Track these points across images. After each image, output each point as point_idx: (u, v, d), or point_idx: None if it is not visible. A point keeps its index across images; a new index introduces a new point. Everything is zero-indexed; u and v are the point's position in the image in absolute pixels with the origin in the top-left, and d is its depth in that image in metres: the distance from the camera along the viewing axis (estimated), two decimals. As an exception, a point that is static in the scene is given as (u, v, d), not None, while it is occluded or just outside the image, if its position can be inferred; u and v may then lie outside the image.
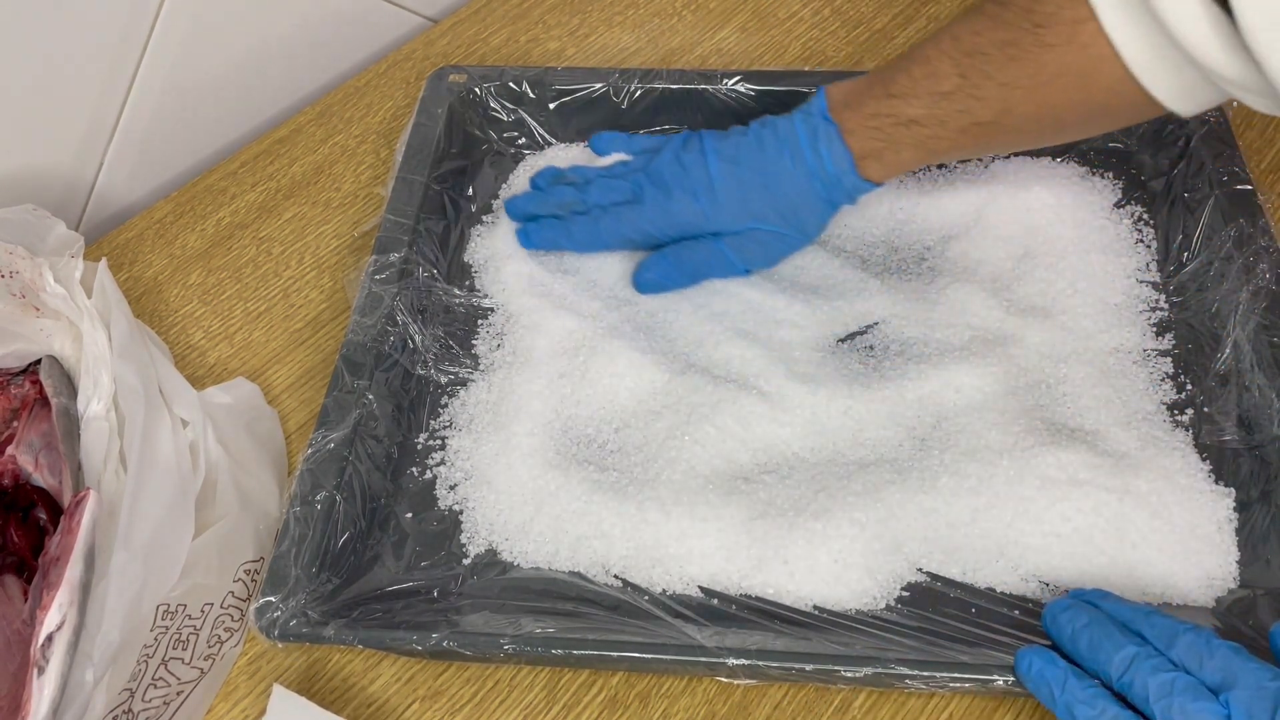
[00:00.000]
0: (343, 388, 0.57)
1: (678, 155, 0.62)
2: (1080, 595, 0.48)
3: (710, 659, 0.48)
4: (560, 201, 0.64)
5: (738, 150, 0.60)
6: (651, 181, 0.62)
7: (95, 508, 0.49)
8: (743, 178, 0.60)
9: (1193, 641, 0.44)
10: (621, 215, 0.62)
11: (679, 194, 0.61)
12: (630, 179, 0.63)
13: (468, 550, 0.55)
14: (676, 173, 0.61)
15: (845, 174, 0.59)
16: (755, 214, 0.60)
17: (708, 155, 0.60)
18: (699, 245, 0.62)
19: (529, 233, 0.65)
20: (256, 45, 0.78)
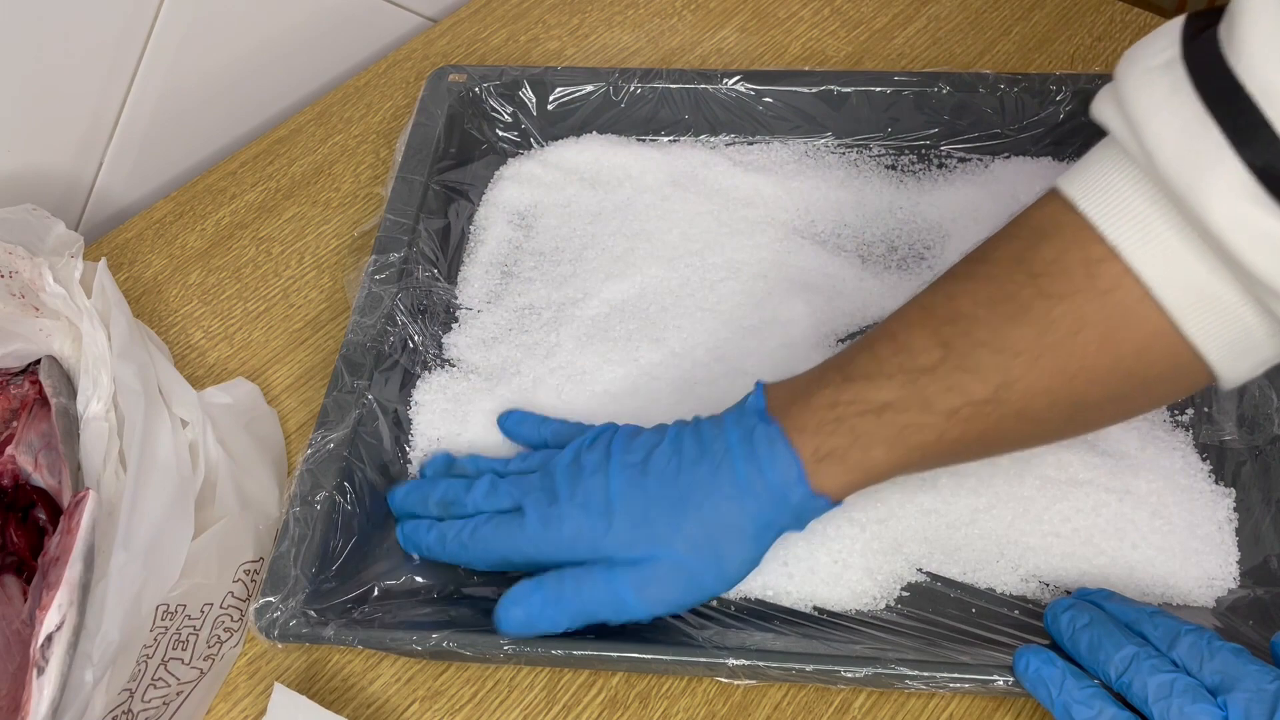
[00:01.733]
0: (342, 388, 0.57)
1: (578, 456, 0.50)
2: (1085, 595, 0.48)
3: (710, 659, 0.48)
4: (442, 499, 0.53)
5: (648, 456, 0.49)
6: (538, 488, 0.50)
7: (95, 508, 0.49)
8: (649, 492, 0.47)
9: (1194, 642, 0.44)
10: (499, 529, 0.50)
11: (568, 507, 0.48)
12: (515, 482, 0.51)
13: (468, 550, 0.55)
14: (569, 478, 0.49)
15: (791, 485, 0.46)
16: (659, 539, 0.47)
17: (612, 459, 0.49)
18: (586, 576, 0.48)
19: (406, 533, 0.54)
20: (256, 45, 0.78)
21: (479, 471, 0.54)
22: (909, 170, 0.69)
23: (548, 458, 0.52)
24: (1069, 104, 0.67)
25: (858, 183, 0.68)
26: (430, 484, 0.55)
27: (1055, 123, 0.68)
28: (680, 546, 0.47)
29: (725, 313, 0.62)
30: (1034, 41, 0.78)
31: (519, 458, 0.54)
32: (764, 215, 0.67)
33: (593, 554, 0.48)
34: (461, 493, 0.52)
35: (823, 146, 0.70)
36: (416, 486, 0.55)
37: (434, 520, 0.53)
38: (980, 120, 0.69)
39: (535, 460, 0.53)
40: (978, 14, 0.80)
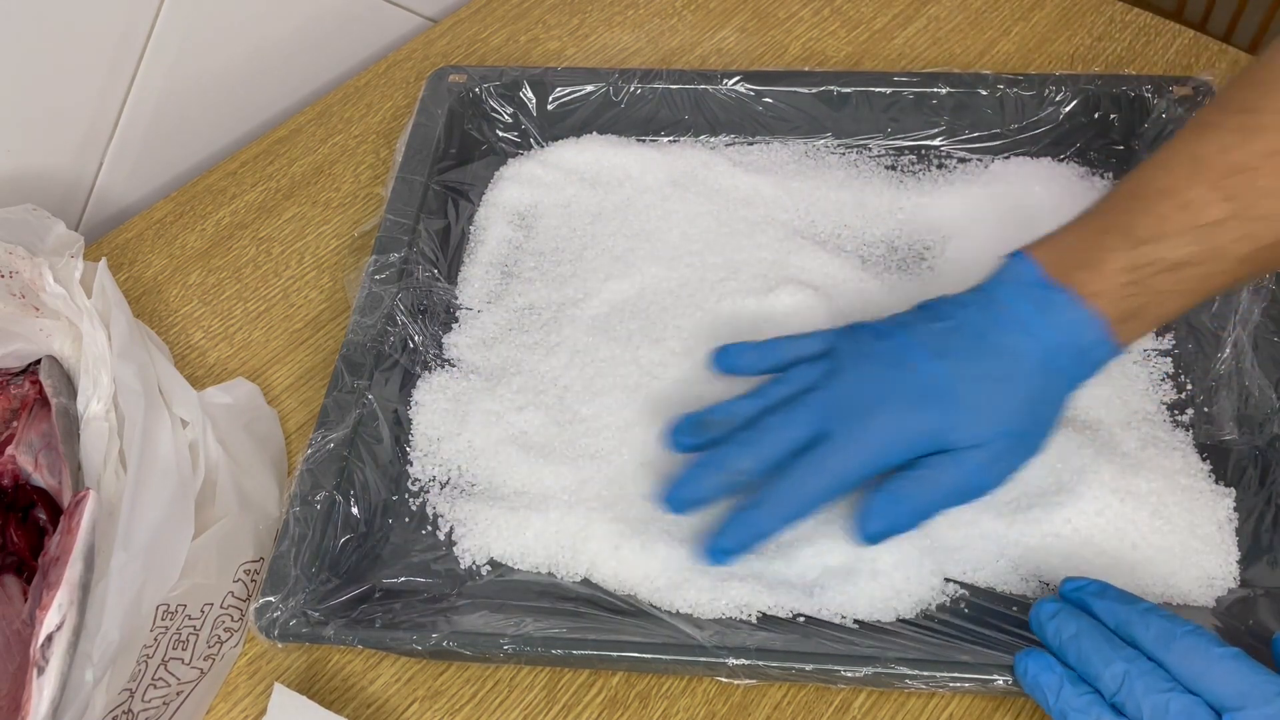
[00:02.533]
0: (342, 388, 0.57)
1: (858, 363, 0.50)
2: (1072, 589, 0.47)
3: (710, 659, 0.48)
4: (732, 469, 0.50)
5: (947, 341, 0.50)
6: (840, 405, 0.50)
7: (95, 508, 0.49)
8: (976, 375, 0.49)
9: (1191, 647, 0.42)
10: (821, 463, 0.49)
11: (897, 407, 0.49)
12: (807, 406, 0.50)
13: (467, 550, 0.55)
14: (878, 377, 0.50)
15: (1097, 345, 0.49)
16: (994, 419, 0.49)
17: (912, 351, 0.50)
18: (939, 473, 0.49)
19: (721, 547, 0.51)
20: (256, 45, 0.78)
21: (745, 416, 0.51)
22: (909, 170, 0.69)
23: (810, 375, 0.51)
24: (1069, 104, 0.67)
25: (858, 183, 0.68)
26: (710, 464, 0.51)
27: (1055, 123, 0.68)
28: (1015, 421, 0.49)
29: (725, 313, 0.62)
30: (1034, 41, 0.78)
31: (772, 384, 0.52)
32: (764, 215, 0.67)
33: (932, 446, 0.49)
34: (750, 449, 0.50)
35: (823, 147, 0.70)
36: (700, 477, 0.51)
37: (741, 511, 0.50)
38: (980, 120, 0.69)
39: (797, 378, 0.51)
40: (978, 14, 0.80)
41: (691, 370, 0.60)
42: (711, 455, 0.51)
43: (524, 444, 0.57)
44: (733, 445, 0.51)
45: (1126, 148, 0.68)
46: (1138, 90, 0.67)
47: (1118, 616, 0.45)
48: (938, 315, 0.51)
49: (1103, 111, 0.68)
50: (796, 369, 0.52)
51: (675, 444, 0.53)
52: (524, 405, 0.59)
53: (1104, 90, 0.67)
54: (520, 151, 0.72)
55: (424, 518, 0.56)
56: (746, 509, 0.50)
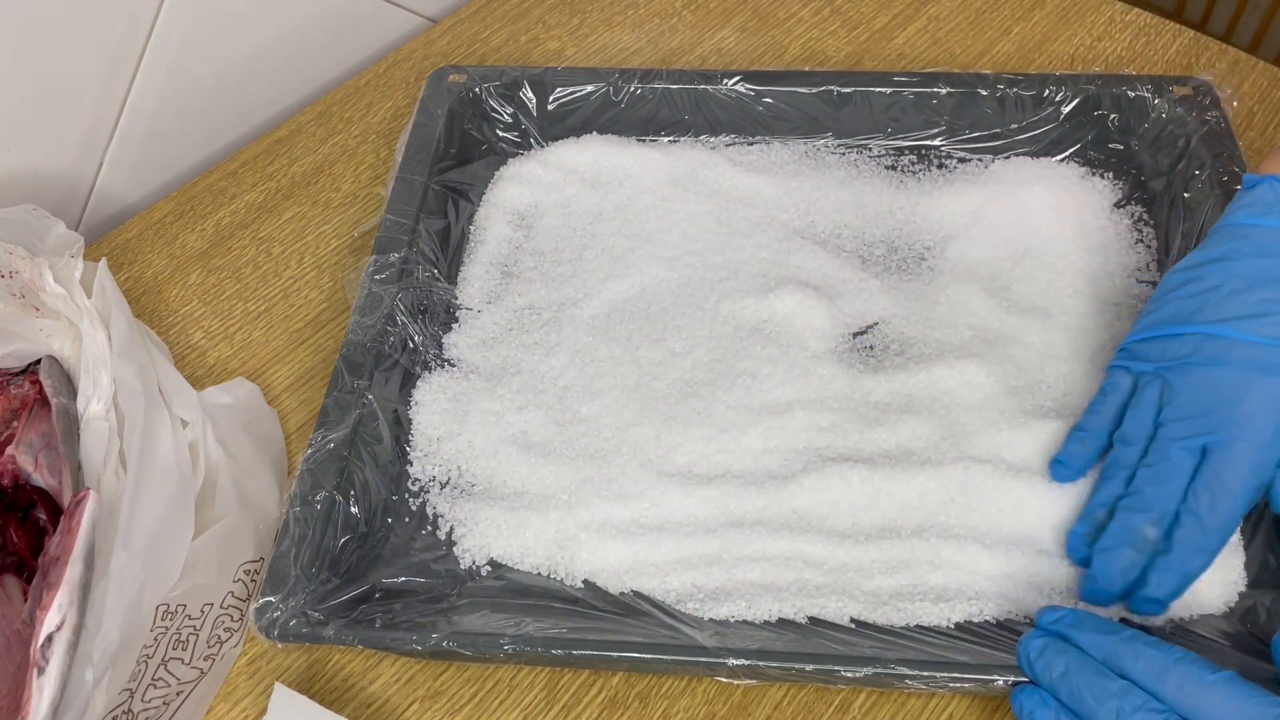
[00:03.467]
0: (342, 388, 0.57)
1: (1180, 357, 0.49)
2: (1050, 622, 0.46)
3: (710, 659, 0.48)
4: (1138, 538, 0.48)
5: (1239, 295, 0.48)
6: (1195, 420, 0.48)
7: (95, 508, 0.49)
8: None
9: (1185, 676, 0.42)
10: (1214, 487, 0.47)
11: (1259, 387, 0.47)
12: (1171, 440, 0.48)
13: (467, 550, 0.55)
14: (1207, 369, 0.48)
15: None
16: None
17: (1224, 327, 0.48)
18: None
19: (1148, 603, 0.48)
20: (256, 45, 0.78)
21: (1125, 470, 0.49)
22: (909, 170, 0.69)
23: (1145, 417, 0.49)
24: (1069, 104, 0.67)
25: (858, 183, 0.68)
26: (1114, 549, 0.48)
27: (1055, 122, 0.68)
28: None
29: (725, 313, 0.62)
30: (1034, 41, 0.78)
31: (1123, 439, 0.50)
32: (764, 215, 0.67)
33: None
34: (1145, 515, 0.48)
35: (823, 147, 0.70)
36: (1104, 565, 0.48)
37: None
38: (980, 120, 0.69)
39: (1140, 418, 0.49)
40: (978, 14, 0.80)
41: (691, 371, 0.60)
42: (1112, 540, 0.49)
43: (524, 444, 0.57)
44: (1131, 517, 0.48)
45: (1126, 148, 0.68)
46: (1138, 90, 0.67)
47: (1105, 648, 0.44)
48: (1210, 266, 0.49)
49: (1103, 111, 0.68)
50: (1132, 413, 0.50)
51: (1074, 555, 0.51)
52: (524, 405, 0.59)
53: (1104, 90, 0.67)
54: (520, 151, 0.72)
55: (424, 518, 0.56)
56: (1170, 555, 0.47)
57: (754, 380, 0.59)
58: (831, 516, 0.54)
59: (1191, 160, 0.64)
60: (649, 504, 0.54)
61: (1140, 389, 0.51)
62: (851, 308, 0.62)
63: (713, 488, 0.55)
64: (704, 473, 0.56)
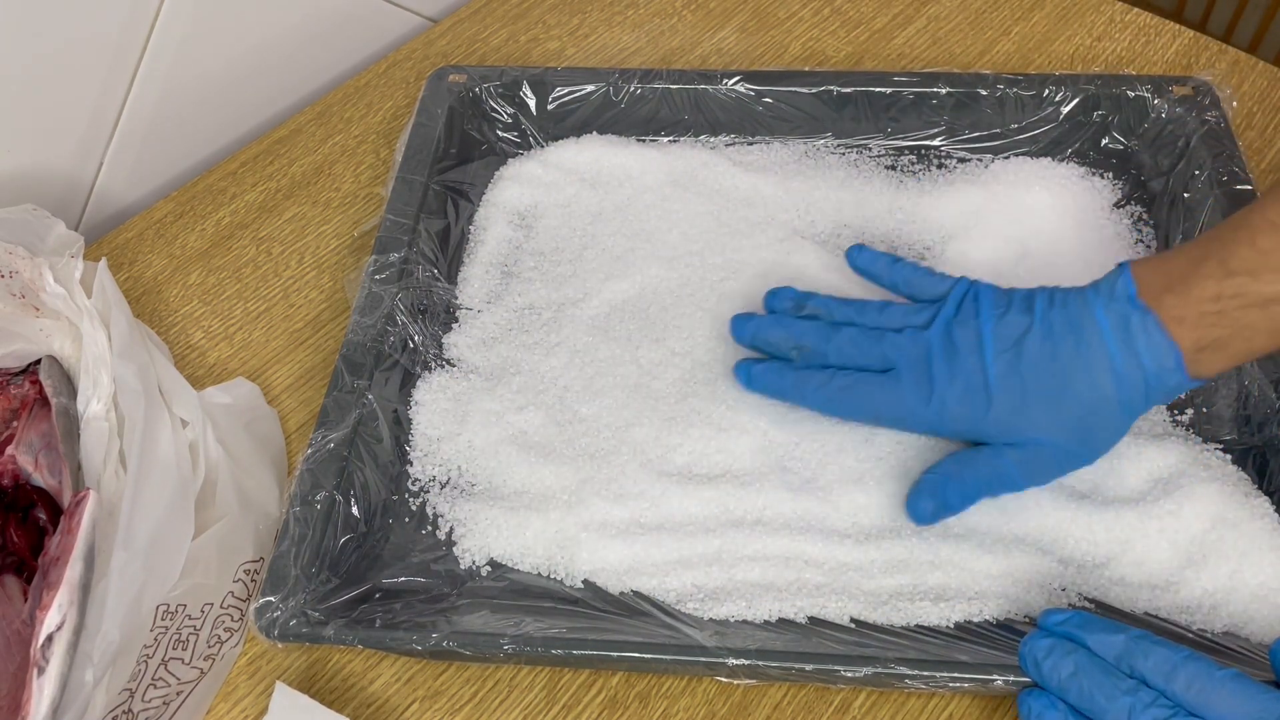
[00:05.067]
0: (342, 388, 0.57)
1: (948, 329, 0.52)
2: (1058, 625, 0.46)
3: (710, 659, 0.48)
4: (797, 342, 0.55)
5: (1022, 340, 0.50)
6: (909, 356, 0.52)
7: (95, 508, 0.49)
8: (1026, 379, 0.50)
9: (1194, 673, 0.42)
10: (868, 389, 0.53)
11: (947, 388, 0.51)
12: (885, 343, 0.53)
13: (467, 550, 0.55)
14: (945, 355, 0.51)
15: (1169, 373, 0.48)
16: (1037, 426, 0.50)
17: (984, 340, 0.51)
18: (980, 462, 0.51)
19: (752, 374, 0.56)
20: (256, 45, 0.78)
21: (834, 317, 0.55)
22: (909, 170, 0.69)
23: (914, 322, 0.53)
24: (1069, 104, 0.67)
25: (858, 183, 0.68)
26: (787, 323, 0.56)
27: (1055, 122, 0.68)
28: (1059, 432, 0.50)
29: (725, 313, 0.62)
30: (1034, 41, 0.78)
31: (875, 307, 0.55)
32: (764, 215, 0.67)
33: (970, 434, 0.52)
34: (823, 341, 0.54)
35: (823, 147, 0.70)
36: (771, 324, 0.56)
37: (785, 363, 0.55)
38: (980, 120, 0.69)
39: (897, 317, 0.54)
40: (978, 14, 0.80)
41: (691, 371, 0.60)
42: (793, 321, 0.56)
43: (524, 444, 0.57)
44: (811, 326, 0.55)
45: (1126, 148, 0.68)
46: (1137, 90, 0.67)
47: (1113, 648, 0.44)
48: (1031, 308, 0.51)
49: (1103, 111, 0.68)
50: (904, 308, 0.54)
51: (768, 301, 0.58)
52: (524, 405, 0.59)
53: (1104, 90, 0.67)
54: (520, 151, 0.72)
55: (424, 518, 0.56)
56: (793, 370, 0.55)
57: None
58: (831, 516, 0.54)
59: (1191, 160, 0.64)
60: (649, 504, 0.54)
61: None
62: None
63: (713, 487, 0.55)
64: (704, 473, 0.56)
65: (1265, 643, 0.48)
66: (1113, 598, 0.51)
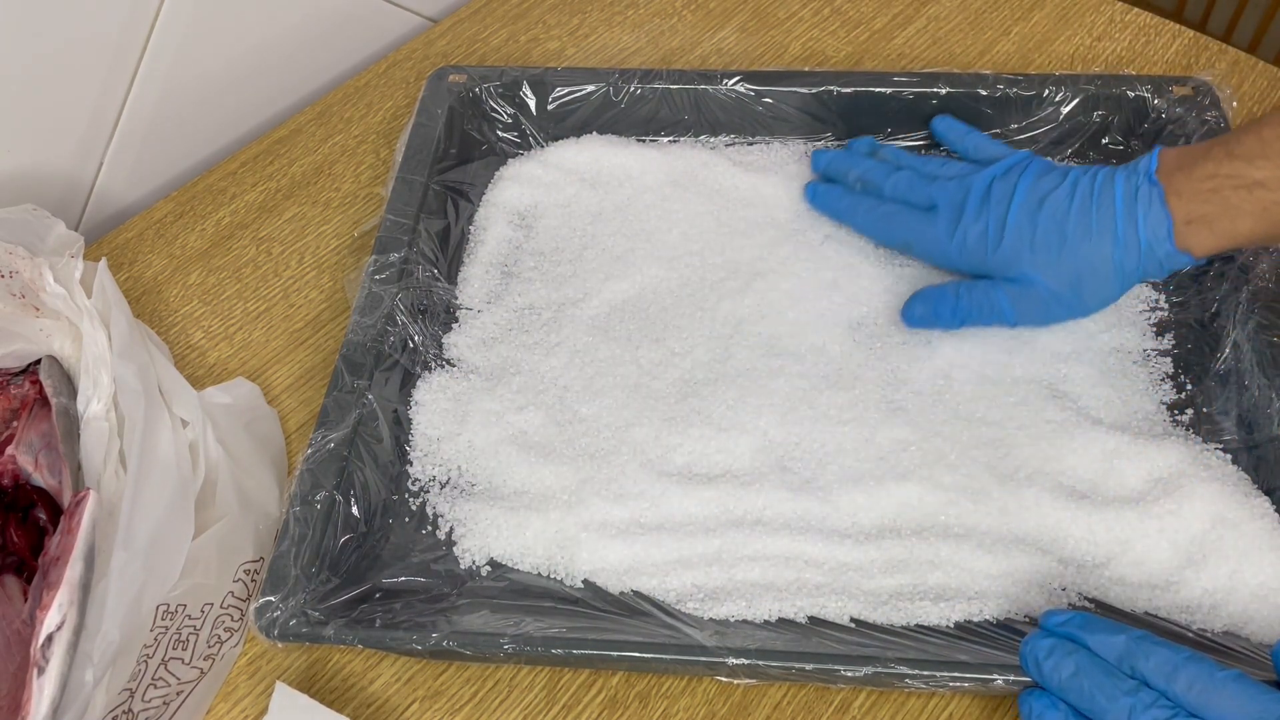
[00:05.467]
0: (342, 388, 0.57)
1: (990, 182, 0.58)
2: (1059, 625, 0.46)
3: (711, 659, 0.48)
4: (862, 175, 0.63)
5: (1046, 193, 0.56)
6: (951, 198, 0.58)
7: (95, 508, 0.49)
8: (1038, 225, 0.55)
9: (1195, 674, 0.42)
10: (908, 219, 0.60)
11: (968, 222, 0.57)
12: (934, 186, 0.60)
13: (467, 550, 0.55)
14: (979, 200, 0.57)
15: (1159, 241, 0.53)
16: (1035, 266, 0.55)
17: (1017, 191, 0.56)
18: (977, 289, 0.57)
19: (818, 193, 0.65)
20: (256, 45, 0.78)
21: (900, 164, 0.63)
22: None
23: (965, 173, 0.59)
24: (1069, 104, 0.67)
25: (858, 183, 0.68)
26: (857, 159, 0.64)
27: (1055, 122, 0.68)
28: (1054, 277, 0.55)
29: (725, 312, 0.62)
30: (1034, 41, 0.78)
31: (938, 162, 0.62)
32: (764, 215, 0.67)
33: (979, 268, 0.57)
34: (883, 177, 0.62)
35: (823, 147, 0.70)
36: (844, 157, 0.65)
37: (846, 189, 0.64)
38: (980, 120, 0.69)
39: (953, 169, 0.60)
40: (978, 14, 0.80)
41: (691, 370, 0.60)
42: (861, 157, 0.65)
43: (524, 444, 0.57)
44: (875, 164, 0.63)
45: (1126, 148, 0.68)
46: (1137, 90, 0.67)
47: (1115, 649, 0.44)
48: (1066, 174, 0.56)
49: (1103, 111, 0.68)
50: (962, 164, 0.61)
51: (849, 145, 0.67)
52: (524, 405, 0.59)
53: (1104, 90, 0.67)
54: (520, 151, 0.72)
55: (424, 518, 0.56)
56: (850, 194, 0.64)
57: (753, 380, 0.59)
58: (831, 516, 0.54)
59: (1191, 160, 0.64)
60: (649, 504, 0.54)
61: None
62: (852, 307, 0.62)
63: (712, 487, 0.55)
64: (704, 472, 0.56)
65: (1266, 642, 0.48)
66: (1113, 597, 0.51)
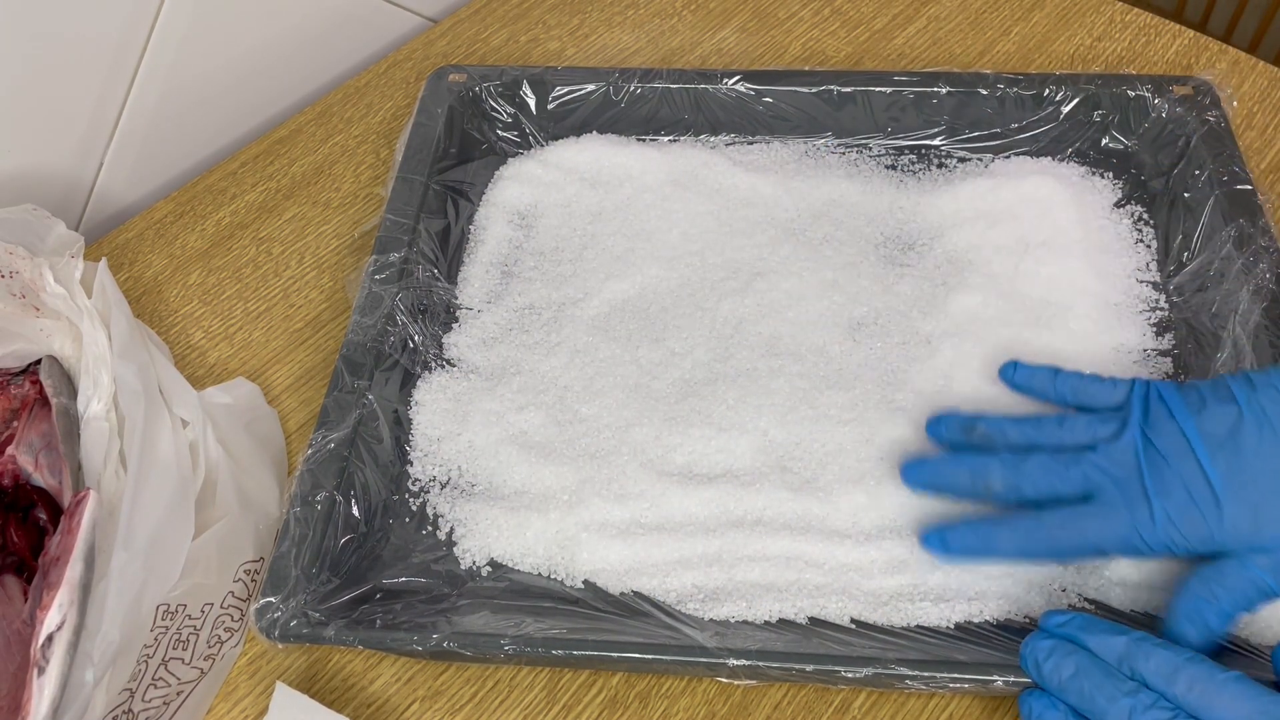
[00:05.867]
0: (343, 388, 0.57)
1: (1145, 436, 0.48)
2: (1059, 626, 0.46)
3: (711, 659, 0.48)
4: (985, 481, 0.51)
5: (1236, 433, 0.47)
6: (1116, 476, 0.48)
7: (95, 508, 0.49)
8: (1256, 475, 0.46)
9: (1196, 675, 0.42)
10: (1084, 523, 0.48)
11: (1163, 501, 0.47)
12: (1084, 464, 0.49)
13: (468, 551, 0.55)
14: (1151, 466, 0.47)
15: None
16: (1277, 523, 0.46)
17: (1192, 441, 0.47)
18: (1230, 575, 0.46)
19: (948, 542, 0.51)
20: (256, 45, 0.78)
21: (1010, 439, 0.51)
22: (909, 170, 0.69)
23: (1094, 431, 0.50)
24: (1069, 104, 0.67)
25: (858, 182, 0.68)
26: (968, 461, 0.51)
27: (1055, 122, 0.68)
28: None
29: (725, 312, 0.62)
30: (1034, 41, 0.78)
31: (1053, 422, 0.51)
32: (764, 215, 0.67)
33: (1205, 547, 0.47)
34: (1013, 473, 0.50)
35: (823, 146, 0.70)
36: (950, 466, 0.52)
37: (980, 519, 0.51)
38: (980, 120, 0.69)
39: (1079, 430, 0.50)
40: (978, 14, 0.80)
41: (691, 370, 0.60)
42: (972, 457, 0.51)
43: (524, 444, 0.57)
44: (995, 461, 0.51)
45: (1126, 147, 0.68)
46: (1138, 90, 0.67)
47: (1115, 650, 0.44)
48: (1232, 397, 0.48)
49: (1103, 111, 0.68)
50: (1085, 420, 0.51)
51: (931, 430, 0.54)
52: (524, 405, 0.59)
53: (1104, 90, 0.67)
54: (520, 151, 0.72)
55: (424, 518, 0.56)
56: (991, 524, 0.50)
57: (754, 380, 0.59)
58: (832, 516, 0.54)
59: (1191, 160, 0.64)
60: (649, 504, 0.54)
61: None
62: (853, 307, 0.62)
63: (713, 488, 0.55)
64: (704, 473, 0.56)
65: (1265, 644, 0.48)
66: (1113, 598, 0.51)
